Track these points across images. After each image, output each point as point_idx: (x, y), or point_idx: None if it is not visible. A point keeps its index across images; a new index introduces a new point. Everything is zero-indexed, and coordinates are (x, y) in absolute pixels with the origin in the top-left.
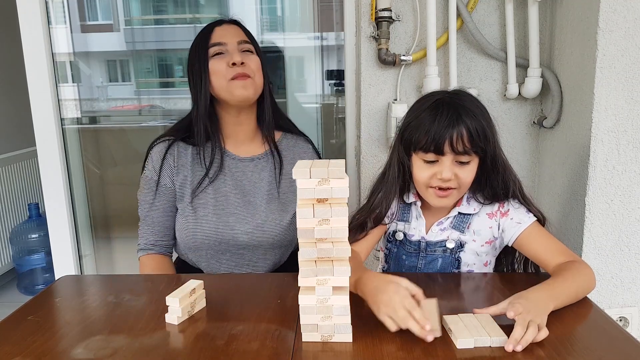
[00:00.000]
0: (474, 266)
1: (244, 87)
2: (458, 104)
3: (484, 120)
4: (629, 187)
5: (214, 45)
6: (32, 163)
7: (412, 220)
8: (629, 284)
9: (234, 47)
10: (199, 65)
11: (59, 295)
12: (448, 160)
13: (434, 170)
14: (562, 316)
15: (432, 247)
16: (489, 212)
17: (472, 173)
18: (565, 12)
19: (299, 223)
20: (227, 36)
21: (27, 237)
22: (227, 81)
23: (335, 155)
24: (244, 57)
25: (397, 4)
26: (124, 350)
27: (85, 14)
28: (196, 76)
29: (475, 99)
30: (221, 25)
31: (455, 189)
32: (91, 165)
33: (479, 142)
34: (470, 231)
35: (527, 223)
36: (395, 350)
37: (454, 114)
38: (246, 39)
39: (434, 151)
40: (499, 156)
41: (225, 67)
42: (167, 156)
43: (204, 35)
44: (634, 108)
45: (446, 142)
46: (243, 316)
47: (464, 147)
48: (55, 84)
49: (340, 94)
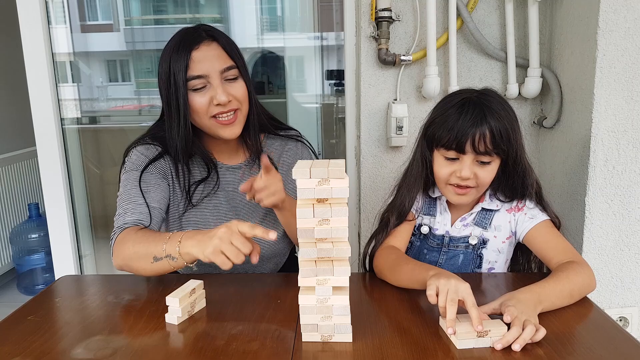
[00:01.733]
0: (495, 264)
1: (231, 129)
2: (484, 104)
3: (508, 123)
4: (629, 187)
5: (194, 78)
6: (32, 163)
7: (438, 215)
8: (629, 284)
9: (217, 80)
10: (176, 97)
11: (59, 295)
12: (469, 159)
13: (454, 168)
14: (562, 316)
15: (455, 242)
16: (508, 207)
17: (491, 173)
18: (565, 12)
19: (299, 223)
20: (208, 65)
21: (27, 237)
22: (209, 119)
23: (335, 155)
24: (229, 87)
25: (397, 4)
26: (124, 350)
27: (85, 14)
28: (172, 104)
29: (503, 101)
30: (199, 47)
31: (474, 187)
32: (91, 165)
33: (502, 143)
34: (492, 227)
35: (539, 219)
36: (395, 350)
37: (479, 113)
38: (229, 64)
39: (456, 149)
40: (521, 158)
41: (207, 103)
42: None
43: (180, 61)
44: (634, 108)
45: (468, 141)
46: (243, 316)
47: (486, 148)
48: (55, 84)
49: (340, 94)
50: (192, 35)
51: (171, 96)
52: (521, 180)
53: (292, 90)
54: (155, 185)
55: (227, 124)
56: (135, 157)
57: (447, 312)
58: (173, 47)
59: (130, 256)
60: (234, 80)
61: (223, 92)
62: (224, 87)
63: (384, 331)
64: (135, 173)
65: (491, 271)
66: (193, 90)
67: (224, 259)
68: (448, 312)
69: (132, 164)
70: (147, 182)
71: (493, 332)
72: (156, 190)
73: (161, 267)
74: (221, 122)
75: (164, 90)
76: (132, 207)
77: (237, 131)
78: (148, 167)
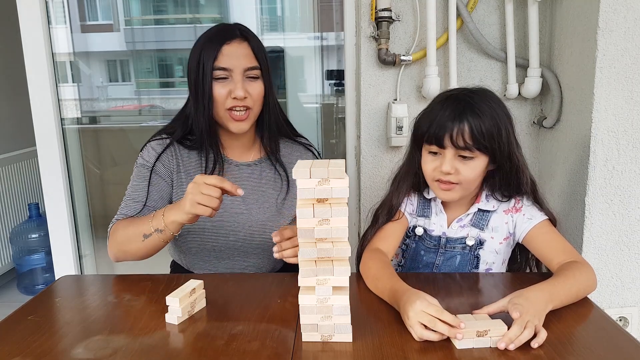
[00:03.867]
0: (492, 265)
1: (239, 125)
2: (467, 100)
3: (491, 120)
4: (629, 187)
5: (219, 69)
6: (32, 163)
7: (433, 216)
8: (629, 284)
9: (239, 76)
10: (202, 83)
11: (59, 295)
12: (449, 154)
13: (437, 163)
14: (562, 316)
15: (452, 243)
16: (505, 208)
17: (474, 170)
18: (565, 12)
19: (299, 223)
20: (235, 60)
21: (27, 237)
22: (224, 110)
23: (335, 155)
24: (248, 85)
25: (397, 4)
26: (124, 350)
27: (85, 14)
28: (199, 91)
29: (493, 99)
30: (231, 42)
31: (457, 184)
32: (91, 165)
33: (482, 139)
34: (489, 228)
35: (538, 219)
36: (395, 350)
37: (458, 108)
38: (254, 64)
39: (436, 143)
40: (514, 155)
41: (226, 94)
42: (167, 151)
43: (211, 51)
44: (634, 108)
45: (446, 135)
46: (243, 316)
47: (465, 143)
48: (55, 84)
49: (340, 94)
50: (227, 30)
51: (199, 82)
52: (515, 178)
53: (292, 90)
54: (158, 186)
55: (238, 120)
56: (146, 153)
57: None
58: (207, 38)
59: (122, 240)
60: (255, 79)
61: (241, 88)
62: (244, 84)
63: (384, 331)
64: (144, 170)
65: (488, 271)
66: (216, 79)
67: (203, 208)
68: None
69: (143, 160)
70: (153, 183)
71: (492, 332)
72: (158, 191)
73: (152, 243)
74: (233, 117)
75: (193, 77)
76: (133, 205)
77: (245, 127)
78: (157, 166)
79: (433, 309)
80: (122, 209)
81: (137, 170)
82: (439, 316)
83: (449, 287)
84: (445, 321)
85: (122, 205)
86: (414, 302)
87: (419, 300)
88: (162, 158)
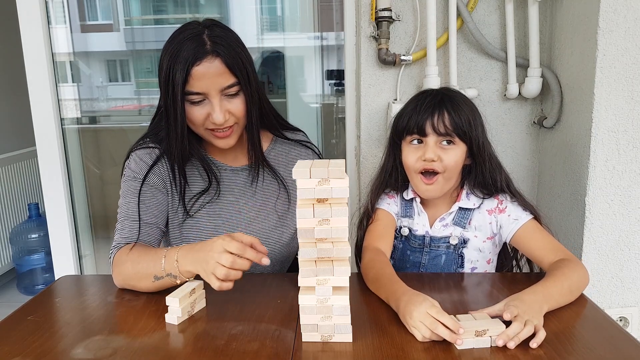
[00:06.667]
0: (477, 263)
1: (225, 141)
2: (443, 92)
3: (467, 109)
4: (629, 187)
5: (193, 94)
6: (32, 163)
7: (415, 216)
8: (629, 284)
9: (216, 98)
10: (174, 107)
11: (59, 295)
12: (432, 141)
13: (419, 153)
14: (562, 315)
15: (436, 242)
16: (488, 208)
17: (455, 157)
18: (565, 12)
19: (299, 223)
20: (208, 82)
21: (27, 237)
22: (204, 130)
23: (335, 155)
24: (227, 104)
25: (397, 4)
26: (124, 350)
27: (85, 14)
28: (170, 114)
29: (462, 95)
30: (201, 62)
31: (440, 173)
32: (91, 165)
33: (462, 125)
34: (471, 227)
35: (524, 220)
36: (395, 350)
37: (436, 97)
38: (230, 82)
39: (418, 132)
40: (487, 147)
41: (204, 117)
42: (158, 163)
43: (179, 72)
44: (634, 108)
45: (428, 121)
46: (243, 316)
47: (446, 129)
48: (55, 84)
49: (340, 94)
50: (195, 45)
51: (169, 102)
52: (489, 170)
53: (292, 90)
54: (154, 199)
55: (222, 137)
56: (134, 164)
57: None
58: (174, 54)
59: (130, 277)
60: (234, 96)
61: (220, 112)
62: (222, 105)
63: (384, 331)
64: (135, 183)
65: (474, 270)
66: (191, 103)
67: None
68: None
69: (131, 172)
70: (146, 195)
71: (492, 332)
72: (155, 205)
73: (163, 284)
74: (217, 135)
75: (163, 93)
76: (129, 224)
77: (232, 142)
78: (149, 178)
79: (435, 311)
80: (120, 231)
81: (127, 184)
82: (441, 319)
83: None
84: (446, 325)
85: (119, 227)
86: (420, 303)
87: (425, 302)
88: (154, 170)
